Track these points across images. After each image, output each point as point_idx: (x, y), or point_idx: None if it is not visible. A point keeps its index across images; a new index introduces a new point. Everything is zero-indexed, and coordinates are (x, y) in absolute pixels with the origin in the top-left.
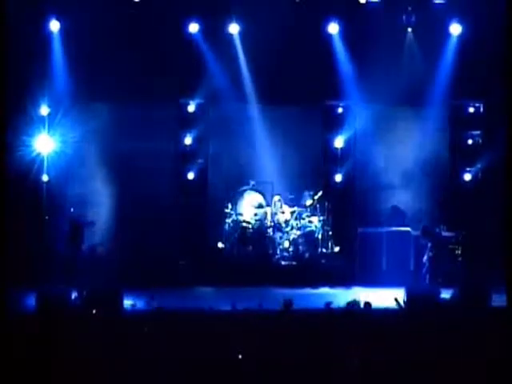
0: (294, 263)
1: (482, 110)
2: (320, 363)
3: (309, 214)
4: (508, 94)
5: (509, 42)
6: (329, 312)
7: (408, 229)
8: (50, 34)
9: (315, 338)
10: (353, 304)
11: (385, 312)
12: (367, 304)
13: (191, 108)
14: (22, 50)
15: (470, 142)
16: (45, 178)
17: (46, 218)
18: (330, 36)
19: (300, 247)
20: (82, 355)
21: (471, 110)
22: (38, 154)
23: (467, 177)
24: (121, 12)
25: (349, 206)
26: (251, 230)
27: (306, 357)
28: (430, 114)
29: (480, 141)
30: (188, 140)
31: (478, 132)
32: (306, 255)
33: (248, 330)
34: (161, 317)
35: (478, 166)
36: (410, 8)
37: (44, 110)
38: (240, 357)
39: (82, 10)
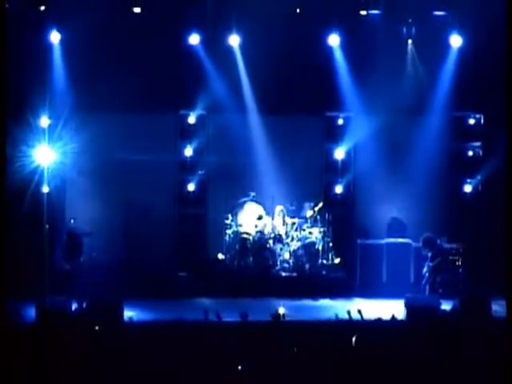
0: (294, 274)
1: (482, 121)
2: (320, 374)
3: (309, 225)
4: (508, 105)
5: (509, 53)
6: (329, 324)
7: (408, 240)
8: (51, 45)
9: (315, 349)
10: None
11: (385, 324)
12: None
13: (191, 119)
14: (22, 61)
15: (470, 153)
16: (45, 189)
17: (46, 226)
18: (330, 47)
19: (300, 258)
20: (82, 366)
21: (471, 121)
22: (38, 166)
23: (468, 188)
24: (121, 23)
25: (349, 217)
26: (251, 242)
27: (306, 368)
28: (431, 125)
29: (480, 152)
30: (188, 151)
31: (479, 143)
32: (307, 267)
33: (248, 341)
34: (161, 328)
35: (479, 177)
36: (410, 20)
37: (44, 121)
38: (239, 368)
39: (82, 22)
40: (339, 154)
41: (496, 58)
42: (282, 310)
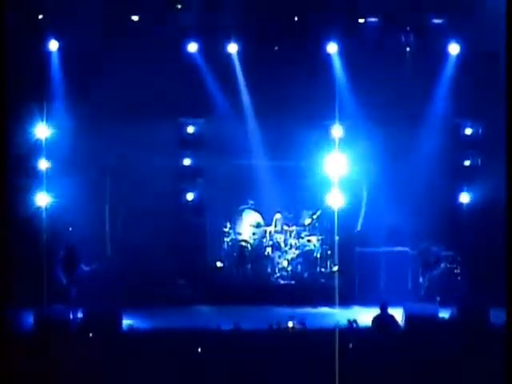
0: (292, 282)
1: (480, 130)
2: (320, 380)
3: (307, 233)
4: (507, 114)
5: (508, 60)
6: (328, 331)
7: (406, 249)
8: (49, 53)
9: (315, 357)
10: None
11: (384, 331)
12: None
13: (190, 127)
14: (21, 69)
15: (468, 161)
16: (44, 198)
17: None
18: (329, 55)
19: (299, 267)
20: (80, 374)
21: (470, 130)
22: (37, 173)
23: (466, 196)
24: (119, 31)
25: (348, 225)
26: (250, 249)
27: (307, 374)
28: (429, 133)
29: (478, 160)
30: (187, 159)
31: (477, 152)
32: (305, 274)
33: (248, 348)
34: (160, 336)
35: (477, 185)
36: (408, 28)
37: (42, 130)
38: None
39: (80, 30)
40: (337, 162)
41: (494, 65)
42: (290, 324)
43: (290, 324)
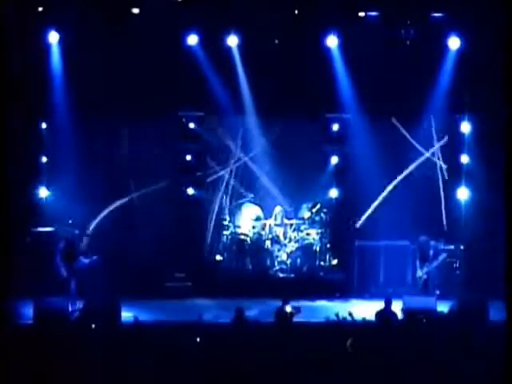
0: (291, 276)
1: (479, 125)
2: (319, 375)
3: (307, 226)
4: (507, 109)
5: (509, 55)
6: (327, 325)
7: (406, 242)
8: (49, 45)
9: (314, 351)
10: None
11: (383, 325)
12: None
13: (190, 121)
14: (20, 62)
15: (467, 156)
16: (44, 192)
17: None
18: (328, 49)
19: (298, 260)
20: (79, 366)
21: (469, 124)
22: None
23: (465, 191)
24: (120, 24)
25: (347, 218)
26: (249, 243)
27: (306, 368)
28: (428, 127)
29: (477, 155)
30: (187, 153)
31: (475, 147)
32: (304, 268)
33: (247, 341)
34: (159, 329)
35: (476, 181)
36: (408, 21)
37: (42, 123)
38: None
39: (81, 22)
40: (337, 155)
41: (495, 60)
42: (288, 309)
43: (288, 309)
